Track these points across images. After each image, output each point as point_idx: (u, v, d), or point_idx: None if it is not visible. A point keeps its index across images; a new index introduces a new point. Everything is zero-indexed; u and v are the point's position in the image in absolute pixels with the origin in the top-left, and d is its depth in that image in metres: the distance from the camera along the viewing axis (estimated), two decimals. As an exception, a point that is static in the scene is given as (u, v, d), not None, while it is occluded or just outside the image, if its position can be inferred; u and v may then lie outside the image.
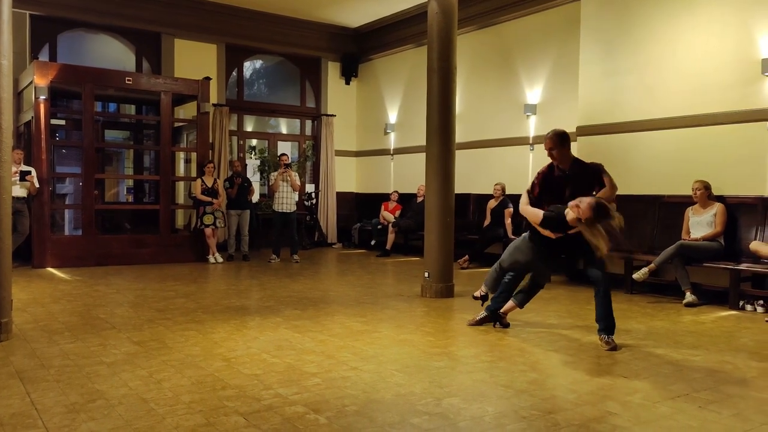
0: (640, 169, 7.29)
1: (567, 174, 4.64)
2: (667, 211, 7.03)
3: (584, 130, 7.83)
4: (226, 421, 2.91)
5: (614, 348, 4.38)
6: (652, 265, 6.35)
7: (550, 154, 4.65)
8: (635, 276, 6.44)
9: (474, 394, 3.37)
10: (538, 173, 4.74)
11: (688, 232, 6.55)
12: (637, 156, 7.33)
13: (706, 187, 6.46)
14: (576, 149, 7.97)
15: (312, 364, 3.88)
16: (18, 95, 9.19)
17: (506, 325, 5.03)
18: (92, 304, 5.89)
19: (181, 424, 2.85)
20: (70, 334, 4.60)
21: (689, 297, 6.15)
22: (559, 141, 4.61)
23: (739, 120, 6.45)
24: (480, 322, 5.09)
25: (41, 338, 4.47)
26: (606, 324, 4.51)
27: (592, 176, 4.68)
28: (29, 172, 8.17)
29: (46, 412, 2.97)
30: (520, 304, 4.98)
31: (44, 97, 8.33)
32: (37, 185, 8.24)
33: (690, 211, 6.61)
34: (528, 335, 4.80)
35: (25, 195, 8.18)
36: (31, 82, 8.50)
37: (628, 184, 7.37)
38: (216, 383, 3.47)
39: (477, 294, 5.46)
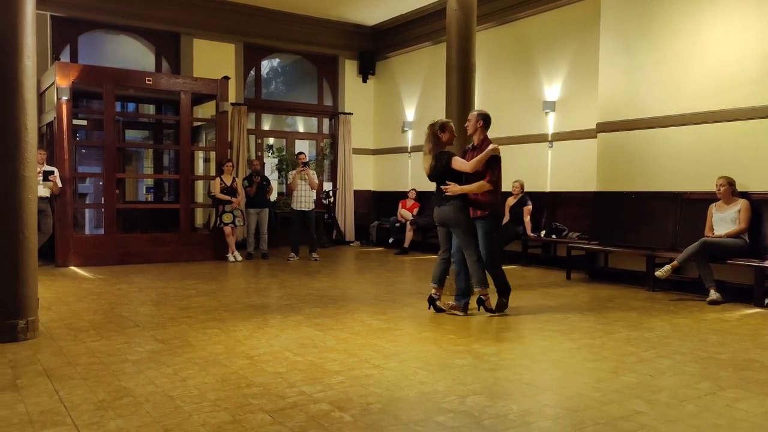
0: (662, 165, 7.21)
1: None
2: (689, 208, 6.94)
3: (604, 127, 7.77)
4: (252, 418, 2.92)
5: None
6: (675, 262, 6.28)
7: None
8: (658, 273, 6.37)
9: (498, 392, 3.36)
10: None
11: (712, 229, 6.48)
12: (659, 152, 7.25)
13: (730, 183, 6.37)
14: (596, 146, 7.94)
15: (335, 362, 3.89)
16: (40, 96, 9.31)
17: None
18: (115, 303, 5.96)
19: (208, 422, 2.87)
20: (95, 332, 4.66)
21: (713, 294, 6.07)
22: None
23: (763, 115, 6.34)
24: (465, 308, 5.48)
25: (67, 336, 4.53)
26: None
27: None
28: (52, 172, 8.28)
29: (74, 409, 3.01)
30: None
31: (66, 98, 8.44)
32: (59, 185, 8.34)
33: (713, 208, 6.53)
34: (550, 333, 4.78)
35: (48, 195, 8.29)
36: (53, 83, 8.61)
37: (649, 181, 7.32)
38: (240, 381, 3.49)
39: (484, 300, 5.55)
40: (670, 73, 7.13)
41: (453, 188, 5.31)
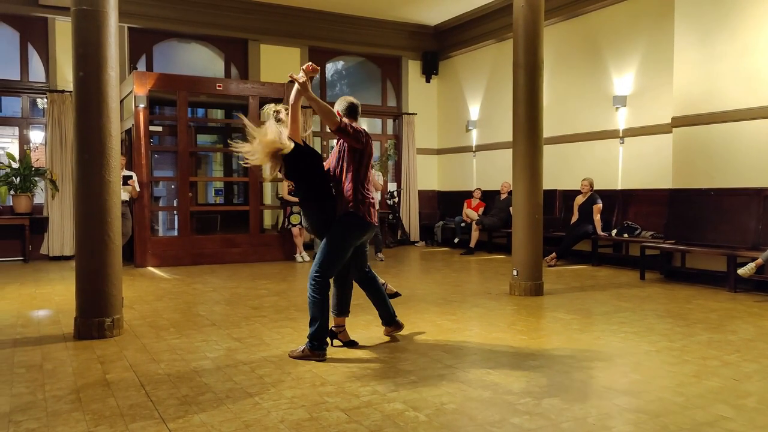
0: (742, 160, 6.87)
1: None
2: (774, 205, 6.59)
3: (680, 121, 7.46)
4: (329, 416, 2.98)
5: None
6: (759, 260, 5.97)
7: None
8: (740, 272, 6.08)
9: (574, 395, 3.29)
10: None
11: (799, 227, 6.13)
12: (739, 147, 6.90)
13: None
14: (671, 141, 7.64)
15: (406, 362, 3.91)
16: (120, 104, 9.75)
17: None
18: (192, 302, 6.18)
19: (286, 418, 2.94)
20: (174, 330, 4.85)
21: (802, 296, 5.74)
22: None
23: None
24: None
25: (149, 334, 4.74)
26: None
27: None
28: (131, 177, 8.67)
29: (160, 404, 3.15)
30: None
31: (143, 105, 8.82)
32: (138, 189, 8.73)
33: (801, 204, 6.17)
34: (626, 335, 4.63)
35: (128, 198, 8.69)
36: (131, 92, 9.02)
37: (729, 177, 6.98)
38: (315, 379, 3.56)
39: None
40: (751, 64, 6.78)
41: None
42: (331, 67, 12.57)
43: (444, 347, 4.28)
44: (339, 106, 4.21)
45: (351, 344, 4.32)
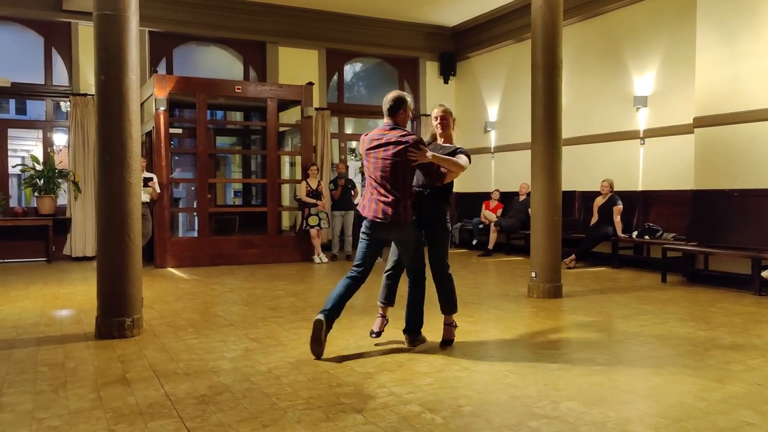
0: (767, 161, 6.74)
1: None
2: (800, 206, 6.46)
3: (703, 121, 7.36)
4: (345, 417, 2.97)
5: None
6: (783, 263, 5.87)
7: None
8: (764, 274, 5.97)
9: (593, 398, 3.25)
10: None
11: (826, 229, 6.00)
12: (763, 147, 6.78)
13: None
14: (693, 142, 7.54)
15: (423, 363, 3.90)
16: (140, 106, 9.86)
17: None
18: (210, 302, 6.23)
19: (303, 419, 2.95)
20: (193, 330, 4.89)
21: (828, 299, 5.62)
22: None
23: None
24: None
25: (168, 334, 4.78)
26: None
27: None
28: (151, 179, 8.77)
29: (179, 403, 3.17)
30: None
31: (164, 108, 8.92)
32: (158, 191, 8.83)
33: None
34: (647, 338, 4.57)
35: (148, 200, 8.79)
36: (151, 95, 9.12)
37: (753, 177, 6.87)
38: (331, 380, 3.56)
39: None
40: (776, 63, 6.67)
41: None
42: (348, 69, 12.60)
43: (461, 349, 4.26)
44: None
45: (379, 335, 4.51)
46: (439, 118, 4.55)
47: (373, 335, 4.51)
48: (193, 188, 12.30)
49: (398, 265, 4.46)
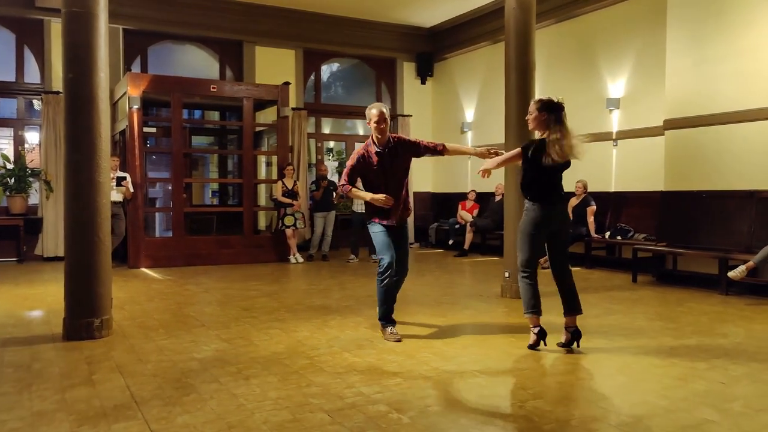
0: (735, 162, 6.88)
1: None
2: (766, 207, 6.60)
3: (673, 123, 7.48)
4: (312, 417, 2.97)
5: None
6: (750, 262, 5.98)
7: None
8: (731, 274, 6.08)
9: (559, 397, 3.29)
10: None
11: (790, 230, 6.13)
12: (731, 149, 6.91)
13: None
14: (664, 143, 7.65)
15: (393, 364, 3.91)
16: (113, 105, 9.76)
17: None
18: (183, 303, 6.18)
19: (270, 420, 2.94)
20: (164, 331, 4.85)
21: (792, 298, 5.75)
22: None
23: None
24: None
25: (138, 335, 4.73)
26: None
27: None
28: (125, 178, 8.67)
29: (144, 404, 3.15)
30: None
31: (137, 107, 8.82)
32: (132, 190, 8.73)
33: (792, 207, 6.18)
34: (615, 338, 4.64)
35: (122, 199, 8.69)
36: (125, 93, 9.01)
37: (721, 179, 7.00)
38: (300, 380, 3.56)
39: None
40: (743, 66, 6.80)
41: None
42: (326, 69, 12.58)
43: (432, 349, 4.28)
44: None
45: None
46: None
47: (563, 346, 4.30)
48: (169, 188, 12.18)
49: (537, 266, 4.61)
